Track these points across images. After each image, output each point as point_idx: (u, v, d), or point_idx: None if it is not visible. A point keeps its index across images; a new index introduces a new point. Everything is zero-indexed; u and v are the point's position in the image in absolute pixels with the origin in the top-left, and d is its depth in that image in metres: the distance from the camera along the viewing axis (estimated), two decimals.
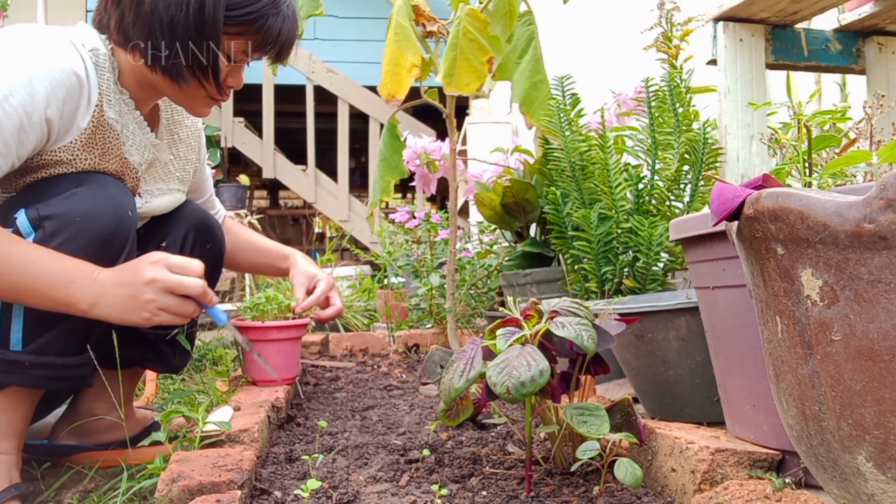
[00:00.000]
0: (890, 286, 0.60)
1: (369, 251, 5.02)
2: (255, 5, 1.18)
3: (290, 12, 1.24)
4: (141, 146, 1.27)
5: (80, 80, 1.11)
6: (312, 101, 5.44)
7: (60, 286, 1.05)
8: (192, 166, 1.46)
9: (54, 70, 1.07)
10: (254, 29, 1.19)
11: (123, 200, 1.16)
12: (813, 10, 1.55)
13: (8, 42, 1.07)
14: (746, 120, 1.57)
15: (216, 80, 1.20)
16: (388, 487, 1.12)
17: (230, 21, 1.17)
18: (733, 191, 0.72)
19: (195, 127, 1.46)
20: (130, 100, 1.24)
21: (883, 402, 0.62)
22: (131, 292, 1.08)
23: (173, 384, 2.13)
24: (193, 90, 1.22)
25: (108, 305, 1.08)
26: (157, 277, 1.09)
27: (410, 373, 2.29)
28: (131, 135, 1.24)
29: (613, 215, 1.64)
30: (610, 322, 1.13)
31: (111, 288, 1.08)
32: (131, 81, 1.22)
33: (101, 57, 1.17)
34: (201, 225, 1.41)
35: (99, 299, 1.07)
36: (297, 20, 1.27)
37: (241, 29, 1.18)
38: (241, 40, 1.20)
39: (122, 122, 1.22)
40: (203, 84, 1.20)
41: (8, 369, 1.09)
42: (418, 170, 2.66)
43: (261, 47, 1.22)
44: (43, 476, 1.30)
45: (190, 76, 1.19)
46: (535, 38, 2.08)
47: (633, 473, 0.95)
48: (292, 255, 1.66)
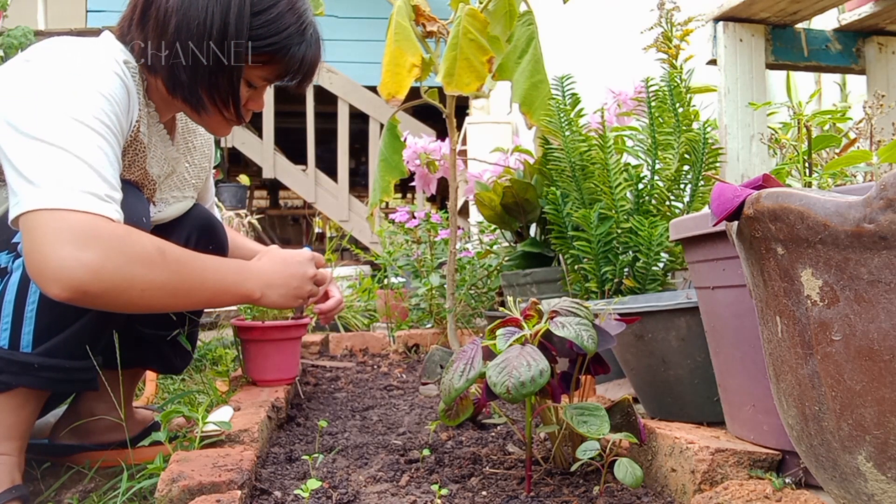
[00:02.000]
0: (890, 286, 0.60)
1: (369, 251, 5.02)
2: (279, 35, 1.17)
3: (313, 40, 1.23)
4: (161, 159, 1.28)
5: (129, 92, 1.14)
6: (312, 101, 5.44)
7: (240, 284, 1.20)
8: (205, 173, 1.47)
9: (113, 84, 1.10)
10: (277, 59, 1.18)
11: (138, 208, 1.17)
12: (813, 10, 1.55)
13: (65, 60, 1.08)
14: (746, 120, 1.57)
15: (236, 110, 1.21)
16: (388, 487, 1.12)
17: (254, 52, 1.16)
18: (733, 191, 0.72)
19: (208, 135, 1.47)
20: (155, 112, 1.25)
21: (883, 402, 0.62)
22: (296, 284, 1.30)
23: (173, 384, 2.13)
24: (213, 117, 1.22)
25: (275, 293, 1.26)
26: (313, 275, 1.35)
27: (410, 373, 2.29)
28: (154, 147, 1.26)
29: (613, 215, 1.64)
30: (610, 322, 1.13)
31: (273, 276, 1.27)
32: (156, 96, 1.23)
33: (131, 69, 1.17)
34: (205, 226, 1.42)
35: (265, 289, 1.24)
36: (320, 45, 1.26)
37: (264, 59, 1.18)
38: (266, 70, 1.20)
39: (149, 134, 1.23)
40: (222, 113, 1.21)
41: (17, 370, 1.09)
42: (418, 170, 2.66)
43: (283, 75, 1.22)
44: (43, 476, 1.30)
45: (210, 106, 1.19)
46: (535, 38, 2.08)
47: (633, 473, 0.95)
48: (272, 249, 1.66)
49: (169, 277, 1.06)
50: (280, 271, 1.28)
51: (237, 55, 1.15)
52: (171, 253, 1.08)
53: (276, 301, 1.26)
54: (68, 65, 1.08)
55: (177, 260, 1.08)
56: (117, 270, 0.99)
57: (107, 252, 0.98)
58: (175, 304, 1.11)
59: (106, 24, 1.67)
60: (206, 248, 1.42)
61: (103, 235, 0.98)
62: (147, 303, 1.05)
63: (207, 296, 1.14)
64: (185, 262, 1.10)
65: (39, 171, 0.98)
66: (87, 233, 0.97)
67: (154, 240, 1.07)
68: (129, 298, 1.02)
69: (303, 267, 1.32)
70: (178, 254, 1.10)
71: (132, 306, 1.05)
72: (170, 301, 1.08)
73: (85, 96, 1.05)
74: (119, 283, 1.00)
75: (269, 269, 1.27)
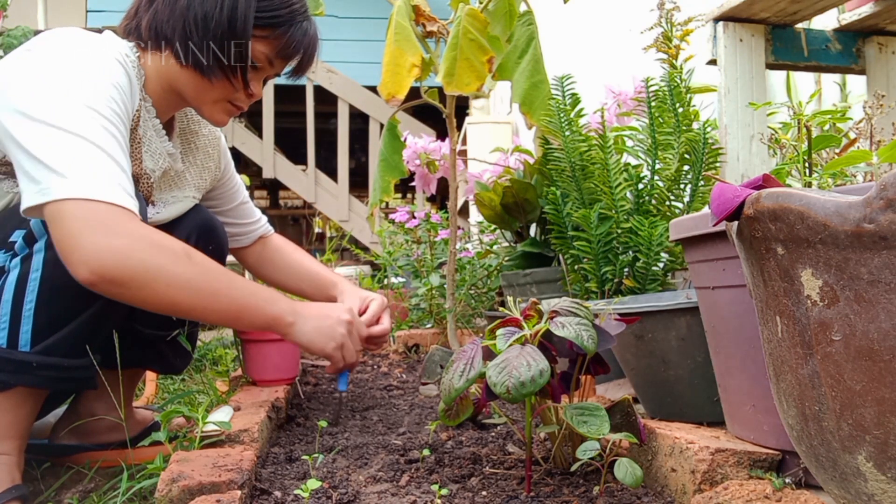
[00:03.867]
0: (890, 286, 0.60)
1: (369, 251, 5.02)
2: (284, 9, 1.21)
3: (312, 29, 1.28)
4: (156, 153, 1.29)
5: (132, 84, 1.16)
6: (312, 101, 5.44)
7: (270, 303, 1.19)
8: (211, 174, 1.47)
9: (119, 72, 1.12)
10: (279, 33, 1.22)
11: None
12: (813, 10, 1.55)
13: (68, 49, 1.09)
14: (746, 120, 1.57)
15: (244, 79, 1.23)
16: (388, 487, 1.12)
17: (259, 22, 1.19)
18: (733, 191, 0.72)
19: (213, 136, 1.48)
20: (152, 108, 1.26)
21: (883, 402, 0.62)
22: (330, 323, 1.28)
23: (173, 384, 2.13)
24: (220, 89, 1.23)
25: (308, 326, 1.24)
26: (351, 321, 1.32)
27: (410, 373, 2.29)
28: (149, 141, 1.26)
29: (613, 215, 1.64)
30: (610, 322, 1.13)
31: (307, 309, 1.26)
32: (155, 89, 1.24)
33: (132, 63, 1.19)
34: (204, 227, 1.41)
35: (297, 319, 1.22)
36: (318, 38, 1.30)
37: (266, 32, 1.21)
38: (266, 44, 1.22)
39: (143, 128, 1.24)
40: (231, 81, 1.22)
41: (15, 369, 1.09)
42: (418, 170, 2.66)
43: (283, 53, 1.24)
44: (43, 476, 1.30)
45: (220, 72, 1.20)
46: (535, 38, 2.08)
47: (633, 473, 0.95)
48: (340, 283, 1.63)
49: (194, 276, 1.06)
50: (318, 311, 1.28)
51: (246, 19, 1.18)
52: (197, 255, 1.09)
53: (309, 334, 1.25)
54: (74, 52, 1.09)
55: (203, 262, 1.10)
56: (144, 260, 1.01)
57: (135, 241, 1.00)
58: (198, 306, 1.09)
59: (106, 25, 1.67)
60: (206, 249, 1.41)
61: (131, 225, 1.01)
62: (171, 299, 1.05)
63: (234, 307, 1.13)
64: (212, 268, 1.11)
65: (62, 159, 0.99)
66: (118, 222, 0.99)
67: (180, 242, 1.09)
68: (153, 291, 1.03)
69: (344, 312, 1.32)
70: (204, 259, 1.11)
71: (156, 300, 1.05)
72: (194, 301, 1.08)
73: (95, 83, 1.06)
74: (145, 272, 1.01)
75: (306, 305, 1.27)
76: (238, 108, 1.29)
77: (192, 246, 1.39)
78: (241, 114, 1.32)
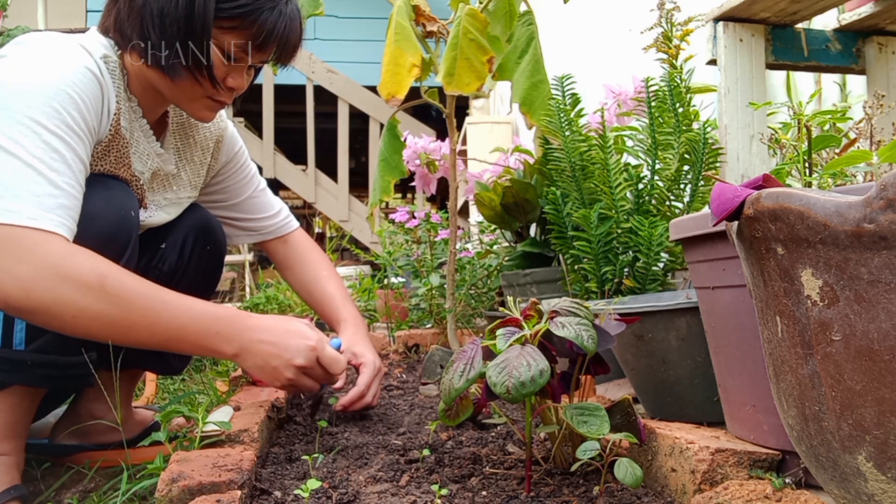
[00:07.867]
0: (890, 286, 0.60)
1: (369, 251, 5.02)
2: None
3: (288, 10, 1.21)
4: (144, 155, 1.26)
5: (103, 88, 1.12)
6: (312, 101, 5.44)
7: (208, 336, 1.11)
8: (206, 168, 1.45)
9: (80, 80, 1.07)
10: (247, 23, 1.16)
11: (126, 201, 1.16)
12: (813, 10, 1.55)
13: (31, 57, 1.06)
14: (746, 120, 1.57)
15: (210, 77, 1.17)
16: (388, 487, 1.12)
17: (223, 14, 1.14)
18: (733, 191, 0.72)
19: (215, 127, 1.44)
20: (138, 107, 1.23)
21: (883, 402, 0.62)
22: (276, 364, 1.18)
23: (173, 384, 2.13)
24: (189, 88, 1.19)
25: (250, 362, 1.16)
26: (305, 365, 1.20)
27: (410, 373, 2.29)
28: (136, 142, 1.24)
29: (613, 215, 1.64)
30: (610, 322, 1.13)
31: (256, 344, 1.16)
32: (138, 88, 1.21)
33: (111, 64, 1.16)
34: (201, 226, 1.41)
35: (241, 352, 1.15)
36: (298, 21, 1.24)
37: (234, 24, 1.16)
38: (237, 36, 1.17)
39: (130, 129, 1.22)
40: (197, 80, 1.17)
41: (11, 368, 1.09)
42: (418, 170, 2.66)
43: (259, 45, 1.19)
44: (43, 476, 1.30)
45: (183, 71, 1.16)
46: (535, 38, 2.08)
47: (633, 473, 0.95)
48: (343, 323, 1.57)
49: (105, 308, 1.01)
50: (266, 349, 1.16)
51: (204, 13, 1.12)
52: (114, 283, 1.02)
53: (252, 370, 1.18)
54: (32, 61, 1.05)
55: (120, 291, 1.02)
56: (48, 291, 0.97)
57: (39, 270, 0.96)
58: (115, 338, 1.05)
59: None
60: (203, 249, 1.41)
61: (39, 252, 0.96)
62: (83, 330, 1.02)
63: (159, 338, 1.07)
64: (132, 297, 1.03)
65: None
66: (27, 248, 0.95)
67: (98, 265, 1.02)
68: (62, 322, 1.00)
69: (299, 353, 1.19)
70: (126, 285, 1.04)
71: (68, 330, 1.02)
72: (108, 333, 1.04)
73: (46, 94, 1.02)
74: (51, 304, 0.97)
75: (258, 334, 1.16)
76: (220, 104, 1.24)
77: (190, 246, 1.38)
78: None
